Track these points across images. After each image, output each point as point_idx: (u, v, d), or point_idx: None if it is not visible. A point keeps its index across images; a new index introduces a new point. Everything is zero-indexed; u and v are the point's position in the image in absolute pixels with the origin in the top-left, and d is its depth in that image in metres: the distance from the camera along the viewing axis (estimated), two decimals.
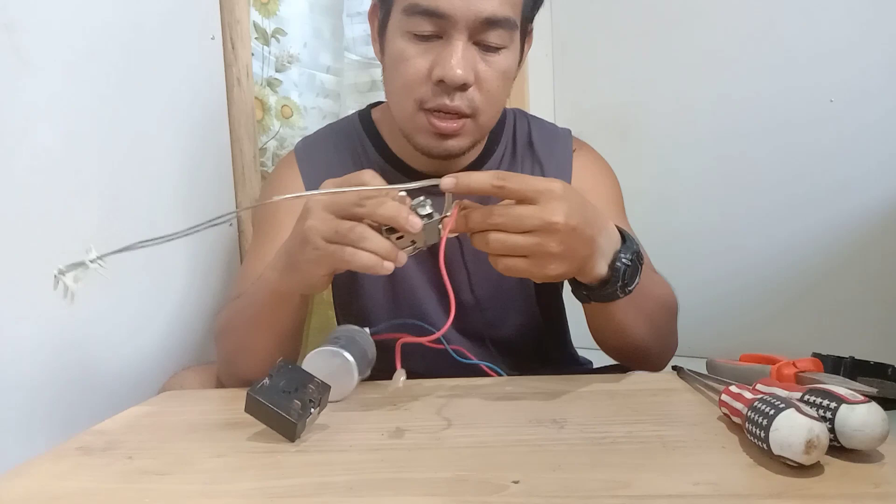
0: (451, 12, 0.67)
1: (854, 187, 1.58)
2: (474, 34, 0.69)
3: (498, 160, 0.85)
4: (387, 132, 0.84)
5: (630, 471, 0.45)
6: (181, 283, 0.97)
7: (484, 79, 0.71)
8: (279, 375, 0.55)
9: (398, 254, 0.56)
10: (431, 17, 0.68)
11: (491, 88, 0.72)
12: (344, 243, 0.55)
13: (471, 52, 0.69)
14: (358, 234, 0.55)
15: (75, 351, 0.78)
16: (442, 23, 0.68)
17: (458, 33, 0.68)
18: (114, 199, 0.84)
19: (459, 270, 0.83)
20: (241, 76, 1.08)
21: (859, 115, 1.56)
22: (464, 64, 0.68)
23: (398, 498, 0.43)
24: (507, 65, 0.72)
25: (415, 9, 0.68)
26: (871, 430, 0.43)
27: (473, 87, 0.70)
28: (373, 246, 0.55)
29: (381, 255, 0.55)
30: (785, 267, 1.68)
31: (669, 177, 1.83)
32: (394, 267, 0.56)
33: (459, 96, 0.70)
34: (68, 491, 0.48)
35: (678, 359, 0.77)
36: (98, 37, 0.82)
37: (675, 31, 1.78)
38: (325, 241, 0.56)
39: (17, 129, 0.71)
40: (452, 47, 0.68)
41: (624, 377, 0.70)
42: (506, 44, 0.71)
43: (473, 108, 0.71)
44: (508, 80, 0.74)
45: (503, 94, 0.75)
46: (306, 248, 0.58)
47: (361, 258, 0.55)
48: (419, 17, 0.68)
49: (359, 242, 0.55)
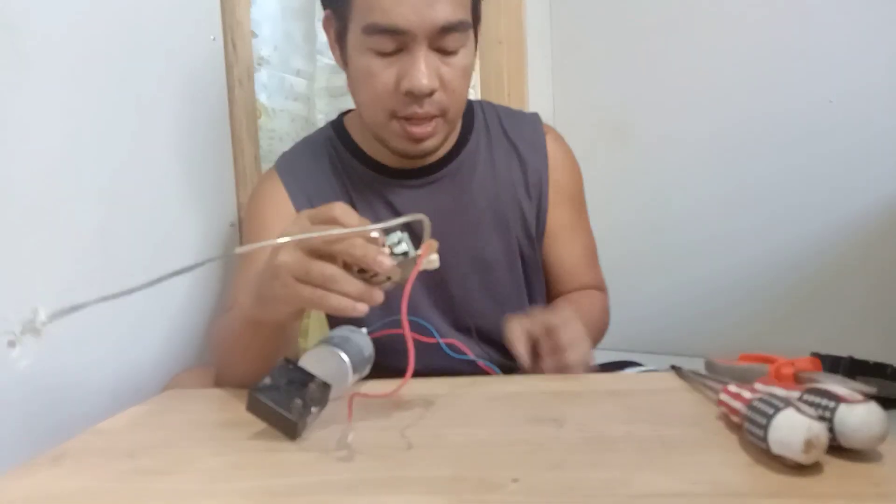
0: (409, 27, 0.70)
1: (854, 187, 1.58)
2: (433, 42, 0.72)
3: (473, 150, 0.87)
4: (359, 137, 0.87)
5: (629, 470, 0.45)
6: (183, 284, 0.97)
7: (448, 80, 0.74)
8: (280, 375, 0.55)
9: (372, 293, 0.54)
10: (392, 35, 0.71)
11: (455, 88, 0.75)
12: (314, 284, 0.54)
13: (432, 59, 0.72)
14: (328, 276, 0.53)
15: (76, 351, 0.78)
16: (402, 38, 0.71)
17: (417, 45, 0.71)
18: (114, 199, 0.84)
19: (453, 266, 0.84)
20: (243, 77, 1.08)
21: (859, 115, 1.56)
22: (428, 73, 0.72)
23: (398, 496, 0.44)
24: (466, 62, 0.76)
25: (374, 28, 0.71)
26: (869, 429, 0.43)
27: (440, 91, 0.74)
28: (344, 288, 0.53)
29: (353, 297, 0.53)
30: (784, 267, 1.68)
31: (668, 177, 1.83)
32: (367, 308, 0.54)
33: (428, 102, 0.74)
34: (68, 491, 0.48)
35: (678, 358, 0.77)
36: (99, 37, 0.82)
37: (675, 31, 1.78)
38: (295, 279, 0.54)
39: (17, 129, 0.71)
40: (415, 59, 0.71)
41: (623, 377, 0.70)
42: (463, 44, 0.74)
43: (442, 109, 0.75)
44: (468, 75, 0.78)
45: (466, 89, 0.78)
46: (275, 283, 0.56)
47: (331, 301, 0.53)
48: (379, 35, 0.71)
49: (330, 284, 0.53)
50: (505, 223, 0.87)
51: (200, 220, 1.01)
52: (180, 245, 0.96)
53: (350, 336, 0.66)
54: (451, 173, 0.86)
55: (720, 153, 1.75)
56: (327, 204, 0.56)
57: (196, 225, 1.00)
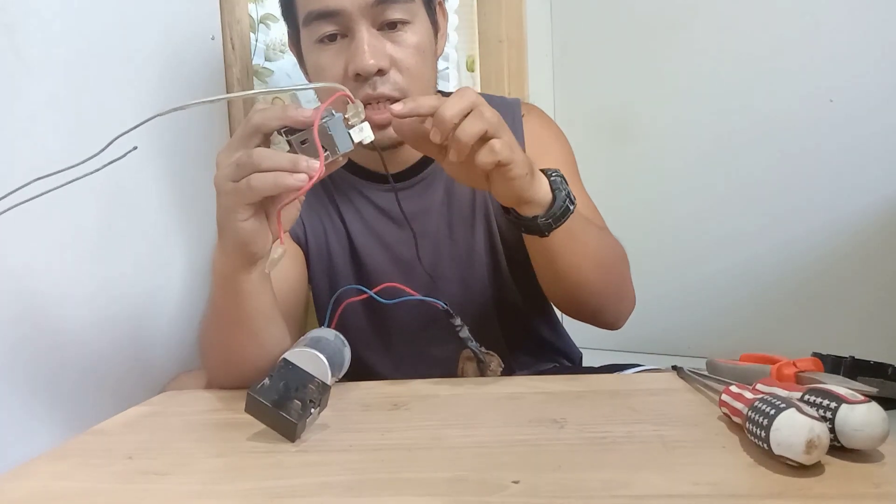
0: (341, 6, 0.69)
1: (854, 187, 1.57)
2: (375, 19, 0.71)
3: None
4: None
5: (630, 471, 0.45)
6: (181, 283, 0.97)
7: (399, 59, 0.72)
8: (279, 376, 0.55)
9: (308, 162, 0.54)
10: (327, 18, 0.70)
11: (410, 66, 0.73)
12: (247, 174, 0.54)
13: (376, 38, 0.71)
14: (256, 158, 0.53)
15: (75, 351, 0.78)
16: (339, 19, 0.70)
17: (357, 24, 0.70)
18: (113, 199, 0.84)
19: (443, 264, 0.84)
20: (242, 76, 1.08)
21: (859, 115, 1.56)
22: (371, 51, 0.70)
23: (398, 498, 0.43)
24: (417, 39, 0.74)
25: (311, 16, 0.71)
26: (871, 429, 0.43)
27: (393, 70, 0.72)
28: (273, 163, 0.53)
29: (287, 169, 0.53)
30: (785, 267, 1.68)
31: (669, 176, 1.82)
32: (307, 178, 0.53)
33: (381, 82, 0.71)
34: (68, 491, 0.48)
35: (678, 358, 0.77)
36: (98, 37, 0.82)
37: (675, 31, 1.78)
38: (232, 182, 0.55)
39: (17, 129, 0.71)
40: (357, 39, 0.70)
41: (624, 377, 0.70)
42: (408, 18, 0.73)
43: (401, 90, 0.72)
44: (425, 54, 0.75)
45: (426, 70, 0.76)
46: (220, 199, 0.56)
47: (266, 180, 0.53)
48: (317, 22, 0.71)
49: (259, 166, 0.53)
50: (486, 213, 0.85)
51: (199, 220, 1.01)
52: (179, 245, 0.96)
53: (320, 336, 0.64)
54: (432, 173, 0.84)
55: (720, 153, 1.74)
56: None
57: (195, 224, 1.00)
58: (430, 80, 0.78)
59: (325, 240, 0.85)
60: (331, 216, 0.85)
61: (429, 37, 0.76)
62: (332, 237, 0.85)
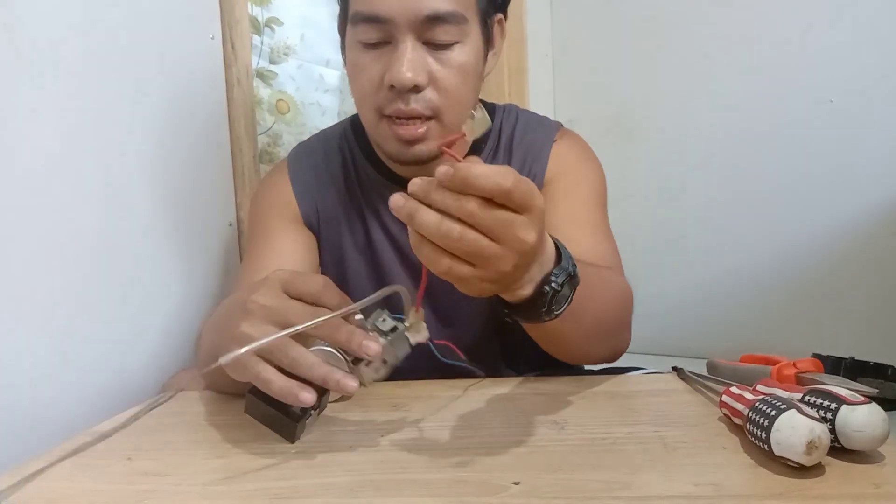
0: (390, 15, 0.66)
1: (854, 187, 1.58)
2: (421, 34, 0.67)
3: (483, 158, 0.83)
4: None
5: (630, 472, 0.45)
6: (180, 283, 0.96)
7: (439, 78, 0.69)
8: None
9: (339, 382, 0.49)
10: (374, 24, 0.67)
11: (449, 87, 0.69)
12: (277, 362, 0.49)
13: (420, 52, 0.68)
14: (291, 359, 0.49)
15: (75, 351, 0.78)
16: (385, 27, 0.67)
17: (402, 35, 0.67)
18: (113, 199, 0.84)
19: None
20: (241, 76, 1.08)
21: (859, 115, 1.56)
22: (411, 66, 0.66)
23: (398, 499, 0.43)
24: (462, 60, 0.70)
25: (358, 17, 0.68)
26: (871, 430, 0.43)
27: (430, 88, 0.69)
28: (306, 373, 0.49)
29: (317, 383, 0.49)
30: (785, 267, 1.68)
31: (669, 177, 1.83)
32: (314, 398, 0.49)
33: (415, 99, 0.68)
34: (68, 491, 0.48)
35: (678, 359, 0.77)
36: (98, 37, 0.82)
37: (675, 30, 1.78)
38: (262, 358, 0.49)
39: (17, 129, 0.71)
40: (399, 51, 0.67)
41: (624, 378, 0.70)
42: (457, 39, 0.69)
43: (433, 109, 0.69)
44: (469, 75, 0.71)
45: (466, 91, 0.72)
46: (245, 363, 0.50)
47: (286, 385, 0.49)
48: (363, 25, 0.68)
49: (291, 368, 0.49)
50: None
51: (199, 220, 1.01)
52: (179, 245, 0.96)
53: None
54: None
55: (719, 154, 1.74)
56: (310, 275, 0.53)
57: (195, 224, 1.00)
58: (469, 102, 0.73)
59: (337, 231, 0.84)
60: (350, 208, 0.84)
61: (476, 57, 0.72)
62: (346, 229, 0.84)
